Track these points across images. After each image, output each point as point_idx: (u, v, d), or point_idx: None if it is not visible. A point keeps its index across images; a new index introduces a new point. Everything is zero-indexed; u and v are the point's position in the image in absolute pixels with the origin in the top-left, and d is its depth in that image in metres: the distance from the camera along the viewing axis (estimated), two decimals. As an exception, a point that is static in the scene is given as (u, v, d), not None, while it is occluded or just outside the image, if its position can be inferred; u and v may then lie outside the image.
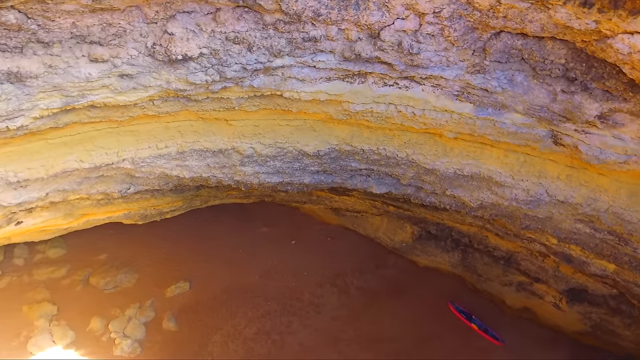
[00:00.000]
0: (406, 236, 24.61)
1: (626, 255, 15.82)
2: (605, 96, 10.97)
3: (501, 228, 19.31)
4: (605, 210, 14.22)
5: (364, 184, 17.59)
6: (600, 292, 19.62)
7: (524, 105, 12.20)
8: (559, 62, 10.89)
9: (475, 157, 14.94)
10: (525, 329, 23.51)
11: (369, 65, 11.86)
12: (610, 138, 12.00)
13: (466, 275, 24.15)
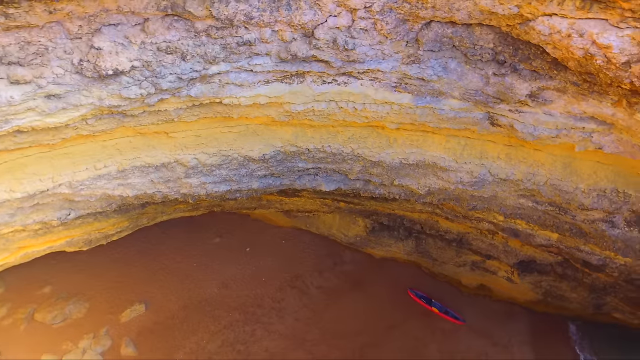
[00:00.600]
0: (360, 230, 24.86)
1: (566, 224, 16.72)
2: (533, 76, 11.50)
3: (450, 211, 19.88)
4: (544, 183, 14.95)
5: (312, 183, 17.57)
6: (547, 261, 20.63)
7: (459, 90, 12.57)
8: (488, 47, 11.31)
9: (419, 145, 15.27)
10: (483, 305, 24.44)
11: (306, 64, 11.85)
12: (541, 115, 12.59)
13: (422, 261, 24.72)
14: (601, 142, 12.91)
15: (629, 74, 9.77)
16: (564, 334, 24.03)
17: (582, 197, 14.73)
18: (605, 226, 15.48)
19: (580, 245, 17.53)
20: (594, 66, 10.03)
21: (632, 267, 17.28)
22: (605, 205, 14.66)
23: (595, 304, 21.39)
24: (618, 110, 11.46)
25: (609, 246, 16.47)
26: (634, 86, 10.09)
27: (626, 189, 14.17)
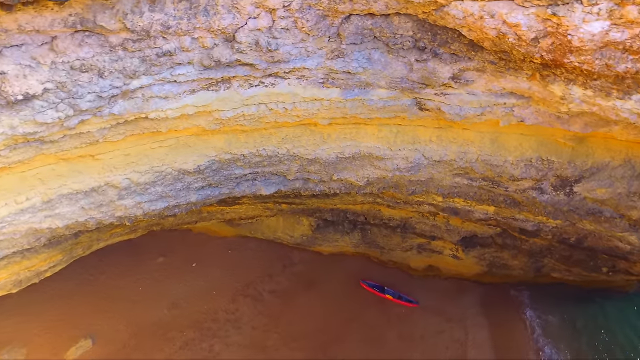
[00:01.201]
0: (305, 229, 24.87)
1: (500, 196, 17.55)
2: (454, 59, 11.92)
3: (391, 199, 20.30)
4: (476, 160, 15.57)
5: (251, 188, 17.31)
6: (487, 234, 21.60)
7: (385, 80, 12.81)
8: (407, 35, 11.59)
9: (353, 137, 15.43)
10: (434, 285, 25.27)
11: (231, 69, 11.62)
12: (465, 95, 13.10)
13: (370, 251, 25.12)
14: (522, 115, 13.63)
15: (538, 48, 10.34)
16: (512, 299, 25.34)
17: (511, 169, 15.49)
18: (535, 193, 16.37)
19: (515, 215, 18.47)
20: (507, 44, 10.54)
21: (563, 228, 18.45)
22: (533, 174, 15.50)
23: (535, 267, 22.68)
24: (533, 83, 12.12)
25: (540, 211, 17.47)
26: (544, 60, 10.70)
27: (549, 156, 15.04)
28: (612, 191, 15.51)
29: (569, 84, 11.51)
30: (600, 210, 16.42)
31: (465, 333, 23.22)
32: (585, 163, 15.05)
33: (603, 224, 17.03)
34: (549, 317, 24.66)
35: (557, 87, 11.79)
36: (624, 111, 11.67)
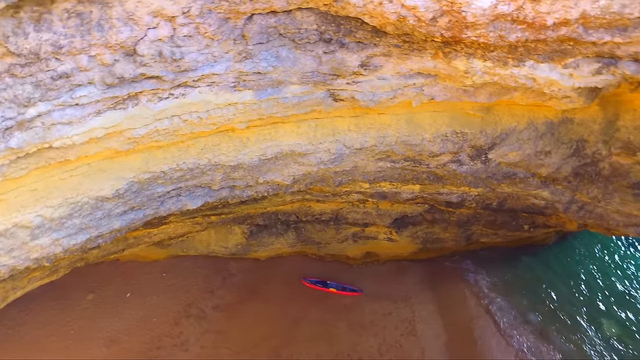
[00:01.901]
0: (238, 238, 24.41)
1: (423, 173, 18.20)
2: (360, 46, 12.15)
3: (319, 193, 20.42)
4: (395, 142, 16.03)
5: (177, 205, 16.67)
6: (416, 212, 22.36)
7: (297, 75, 12.80)
8: (312, 29, 11.64)
9: (272, 138, 15.30)
10: (374, 270, 25.81)
11: (136, 84, 11.05)
12: (376, 81, 13.40)
13: (306, 248, 25.13)
14: (432, 93, 14.18)
15: (437, 27, 10.79)
16: (450, 270, 26.57)
17: (429, 146, 16.11)
18: (455, 166, 17.16)
19: (439, 189, 19.27)
20: (408, 27, 10.89)
21: (484, 194, 19.51)
22: (450, 148, 16.23)
23: (465, 236, 23.85)
24: (437, 61, 12.64)
25: (462, 182, 18.35)
26: (444, 38, 11.18)
27: (462, 128, 15.81)
28: (522, 153, 16.62)
29: (469, 58, 12.13)
30: (514, 173, 17.53)
31: (412, 310, 23.96)
32: (495, 130, 15.99)
33: (518, 184, 18.22)
34: (488, 278, 26.20)
35: (459, 62, 12.40)
36: (521, 77, 12.52)
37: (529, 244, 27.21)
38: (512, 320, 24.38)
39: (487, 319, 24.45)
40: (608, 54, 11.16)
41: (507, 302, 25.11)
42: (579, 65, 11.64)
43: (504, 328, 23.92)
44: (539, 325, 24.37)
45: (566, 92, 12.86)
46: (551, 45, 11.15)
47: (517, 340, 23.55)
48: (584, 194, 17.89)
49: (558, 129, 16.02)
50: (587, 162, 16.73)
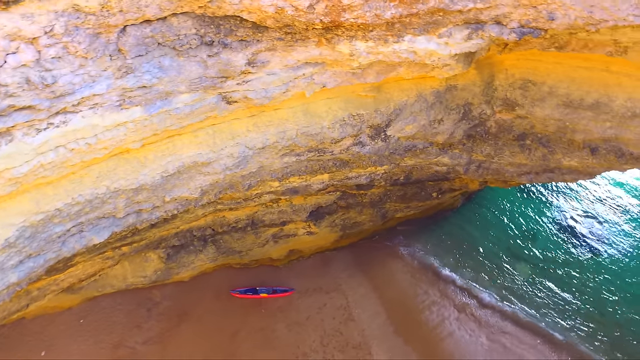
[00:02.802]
0: (156, 264, 23.22)
1: (329, 161, 18.49)
2: (244, 44, 12.00)
3: (231, 201, 19.99)
4: (296, 135, 16.10)
5: (81, 242, 15.47)
6: (330, 201, 22.68)
7: (185, 84, 12.36)
8: (191, 34, 11.29)
9: (171, 152, 14.69)
10: (301, 267, 25.90)
11: (6, 118, 10.00)
12: (266, 77, 13.34)
13: (229, 259, 24.54)
14: (322, 80, 14.40)
15: (316, 14, 10.97)
16: (374, 250, 27.37)
17: (330, 133, 16.38)
18: (358, 148, 17.61)
19: (348, 174, 19.69)
20: (288, 17, 10.95)
21: (391, 171, 20.26)
22: (350, 131, 16.62)
23: (381, 214, 24.63)
24: (322, 48, 12.85)
25: (367, 163, 18.89)
26: (324, 24, 11.39)
27: (357, 111, 16.25)
28: (417, 125, 17.46)
29: (352, 40, 12.47)
30: (414, 145, 18.39)
31: (345, 297, 24.39)
32: (389, 108, 16.63)
33: (420, 155, 19.14)
34: (410, 249, 27.42)
35: (343, 46, 12.70)
36: (403, 52, 13.10)
37: (440, 210, 28.80)
38: (443, 277, 25.84)
39: (417, 284, 25.63)
40: (474, 19, 12.01)
41: (435, 264, 26.54)
42: (451, 34, 12.41)
43: (439, 288, 25.28)
44: (469, 276, 26.08)
45: (445, 61, 13.66)
46: (424, 18, 11.79)
47: (454, 293, 25.00)
48: (479, 154, 19.24)
49: (445, 97, 17.03)
50: (476, 123, 18.00)
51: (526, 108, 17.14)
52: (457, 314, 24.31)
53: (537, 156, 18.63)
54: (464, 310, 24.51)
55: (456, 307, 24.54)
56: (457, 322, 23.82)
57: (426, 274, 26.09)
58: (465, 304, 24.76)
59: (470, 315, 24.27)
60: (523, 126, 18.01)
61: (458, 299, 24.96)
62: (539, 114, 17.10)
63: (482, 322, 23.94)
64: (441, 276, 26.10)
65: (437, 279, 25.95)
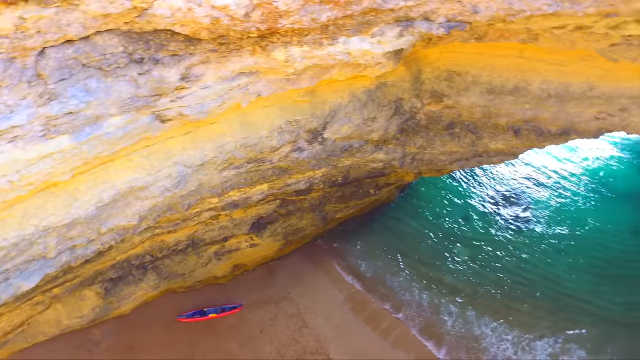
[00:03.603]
0: (93, 301, 21.53)
1: (269, 170, 18.17)
2: (176, 59, 11.44)
3: (169, 223, 19.05)
4: (235, 147, 15.62)
5: (8, 290, 13.95)
6: (270, 210, 22.28)
7: (115, 106, 11.55)
8: (118, 52, 10.59)
9: (105, 180, 13.70)
10: (247, 281, 25.27)
11: None
12: (200, 91, 12.80)
13: (172, 284, 23.34)
14: (257, 89, 14.09)
15: (252, 23, 10.69)
16: (319, 253, 27.34)
17: (268, 141, 16.09)
18: (296, 154, 17.46)
19: (287, 181, 19.47)
20: (223, 27, 10.57)
21: (329, 173, 20.30)
22: (288, 138, 16.43)
23: (322, 217, 24.62)
24: (257, 57, 12.58)
25: (306, 168, 18.80)
26: (261, 31, 11.14)
27: (294, 116, 16.12)
28: (352, 125, 17.63)
29: (287, 46, 12.31)
30: (350, 145, 18.55)
31: (296, 304, 24.11)
32: (324, 111, 16.65)
33: (356, 154, 19.35)
34: (351, 249, 27.66)
35: (278, 53, 12.50)
36: (337, 54, 13.14)
37: (378, 206, 29.36)
38: (380, 279, 26.29)
39: (360, 287, 25.91)
40: (404, 17, 12.30)
41: (374, 265, 26.95)
42: (384, 32, 12.62)
43: (382, 290, 25.71)
44: (408, 270, 26.78)
45: (378, 59, 13.88)
46: (357, 19, 11.89)
47: (395, 294, 25.56)
48: (412, 146, 19.81)
49: (377, 95, 17.34)
50: (407, 117, 18.51)
51: (453, 98, 17.89)
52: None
53: (467, 142, 19.53)
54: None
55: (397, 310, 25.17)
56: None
57: (362, 277, 26.42)
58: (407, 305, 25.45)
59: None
60: (451, 115, 18.79)
61: (397, 298, 25.62)
62: (465, 102, 17.92)
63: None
64: (377, 277, 26.50)
65: (374, 280, 26.36)
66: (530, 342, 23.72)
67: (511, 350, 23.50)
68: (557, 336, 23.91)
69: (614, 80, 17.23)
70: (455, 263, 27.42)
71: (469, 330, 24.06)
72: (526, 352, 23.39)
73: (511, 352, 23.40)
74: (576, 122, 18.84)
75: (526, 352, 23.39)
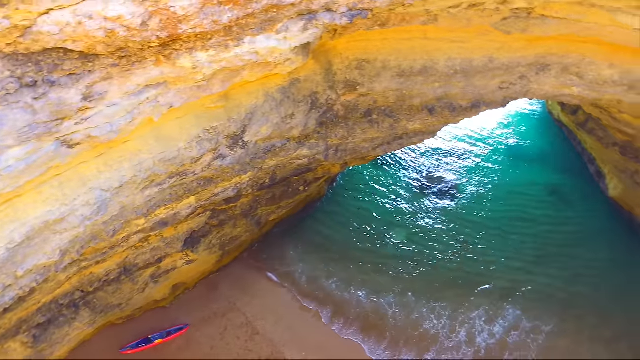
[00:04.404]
0: (20, 352, 19.68)
1: (193, 182, 17.64)
2: (74, 79, 10.73)
3: (95, 254, 18.02)
4: (154, 164, 14.96)
5: None
6: (202, 223, 21.63)
7: (11, 137, 10.63)
8: (5, 77, 9.74)
9: (14, 218, 12.58)
10: (189, 298, 24.50)
11: None
12: (107, 109, 12.12)
13: (109, 317, 22.05)
14: (168, 101, 13.56)
15: (151, 31, 10.23)
16: (256, 260, 26.96)
17: (189, 153, 15.57)
18: (219, 161, 17.05)
19: (214, 190, 19.00)
20: (120, 39, 10.04)
21: (255, 176, 20.04)
22: (208, 146, 15.98)
23: (255, 222, 24.30)
24: (162, 67, 12.09)
25: (232, 174, 18.45)
26: (162, 39, 10.70)
27: (210, 124, 15.70)
28: (271, 124, 17.48)
29: (192, 52, 11.92)
30: (272, 145, 18.41)
31: (244, 314, 23.66)
32: (240, 114, 16.36)
33: (280, 154, 19.23)
34: (289, 254, 27.53)
35: (184, 61, 12.09)
36: (245, 55, 12.93)
37: (310, 202, 29.45)
38: (317, 283, 26.28)
39: (297, 295, 25.80)
40: (306, 10, 12.32)
41: (309, 268, 26.93)
42: (288, 28, 12.57)
43: (320, 295, 25.65)
44: (345, 266, 27.00)
45: (287, 55, 13.82)
46: (259, 17, 11.74)
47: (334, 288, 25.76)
48: (334, 138, 19.99)
49: (291, 91, 17.30)
50: (325, 110, 18.63)
51: (366, 85, 18.24)
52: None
53: (386, 127, 20.00)
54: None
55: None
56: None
57: (297, 279, 26.39)
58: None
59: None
60: (367, 103, 19.16)
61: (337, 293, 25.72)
62: (378, 88, 18.33)
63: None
64: (301, 285, 26.24)
65: (298, 289, 26.13)
66: (467, 313, 24.63)
67: (449, 327, 24.11)
68: (492, 303, 25.15)
69: (510, 51, 18.35)
70: (392, 248, 28.10)
71: (408, 317, 24.38)
72: (464, 324, 24.22)
73: (448, 330, 24.00)
74: (484, 94, 19.88)
75: (464, 324, 24.22)
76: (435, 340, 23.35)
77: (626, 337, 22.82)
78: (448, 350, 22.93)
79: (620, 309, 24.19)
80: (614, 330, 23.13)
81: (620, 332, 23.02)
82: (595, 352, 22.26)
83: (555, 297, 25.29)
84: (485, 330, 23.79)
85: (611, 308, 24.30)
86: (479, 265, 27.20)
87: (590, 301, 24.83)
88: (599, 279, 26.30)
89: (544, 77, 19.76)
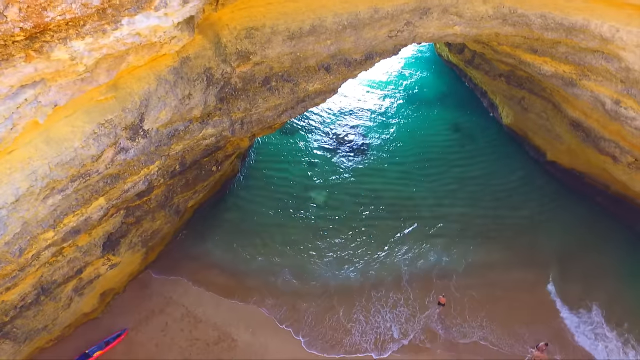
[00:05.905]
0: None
1: (99, 182, 16.79)
2: None
3: (5, 279, 16.68)
4: (50, 169, 13.86)
5: None
6: (117, 224, 20.57)
7: None
8: None
9: None
10: (122, 302, 23.61)
11: None
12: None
13: (37, 343, 20.47)
14: (51, 99, 12.59)
15: (11, 22, 9.39)
16: (181, 249, 26.39)
17: (87, 151, 14.57)
18: (123, 155, 16.20)
19: (123, 187, 18.11)
20: (-24, 37, 9.12)
21: (164, 164, 19.38)
22: (106, 141, 15.06)
23: (174, 211, 23.62)
24: (35, 62, 11.15)
25: (139, 167, 17.71)
26: (27, 31, 9.85)
27: (104, 117, 14.67)
28: (169, 108, 16.83)
29: (66, 42, 11.12)
30: (175, 129, 17.85)
31: (182, 304, 23.33)
32: (135, 102, 15.54)
33: (185, 137, 18.70)
34: (210, 246, 27.16)
35: (59, 52, 11.25)
36: (127, 37, 12.29)
37: (225, 181, 29.03)
38: (241, 271, 26.26)
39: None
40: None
41: (232, 256, 26.86)
42: (167, 3, 12.08)
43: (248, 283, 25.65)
44: (268, 249, 27.32)
45: (171, 33, 13.31)
46: (131, -6, 11.13)
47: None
48: (237, 112, 19.70)
49: (183, 71, 16.70)
50: (222, 84, 18.24)
51: (259, 54, 18.04)
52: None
53: (286, 92, 20.02)
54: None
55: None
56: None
57: (219, 260, 26.50)
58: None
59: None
60: (264, 71, 18.99)
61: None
62: (272, 54, 18.21)
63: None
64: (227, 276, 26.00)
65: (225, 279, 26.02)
66: (391, 258, 26.03)
67: (375, 278, 25.38)
68: (416, 244, 26.79)
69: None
70: (314, 213, 28.61)
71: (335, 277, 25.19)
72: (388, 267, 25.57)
73: (374, 279, 25.27)
74: (375, 45, 20.44)
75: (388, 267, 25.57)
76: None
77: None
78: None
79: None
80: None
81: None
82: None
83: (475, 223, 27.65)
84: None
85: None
86: (399, 211, 28.64)
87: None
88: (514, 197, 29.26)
89: (428, 20, 20.71)
